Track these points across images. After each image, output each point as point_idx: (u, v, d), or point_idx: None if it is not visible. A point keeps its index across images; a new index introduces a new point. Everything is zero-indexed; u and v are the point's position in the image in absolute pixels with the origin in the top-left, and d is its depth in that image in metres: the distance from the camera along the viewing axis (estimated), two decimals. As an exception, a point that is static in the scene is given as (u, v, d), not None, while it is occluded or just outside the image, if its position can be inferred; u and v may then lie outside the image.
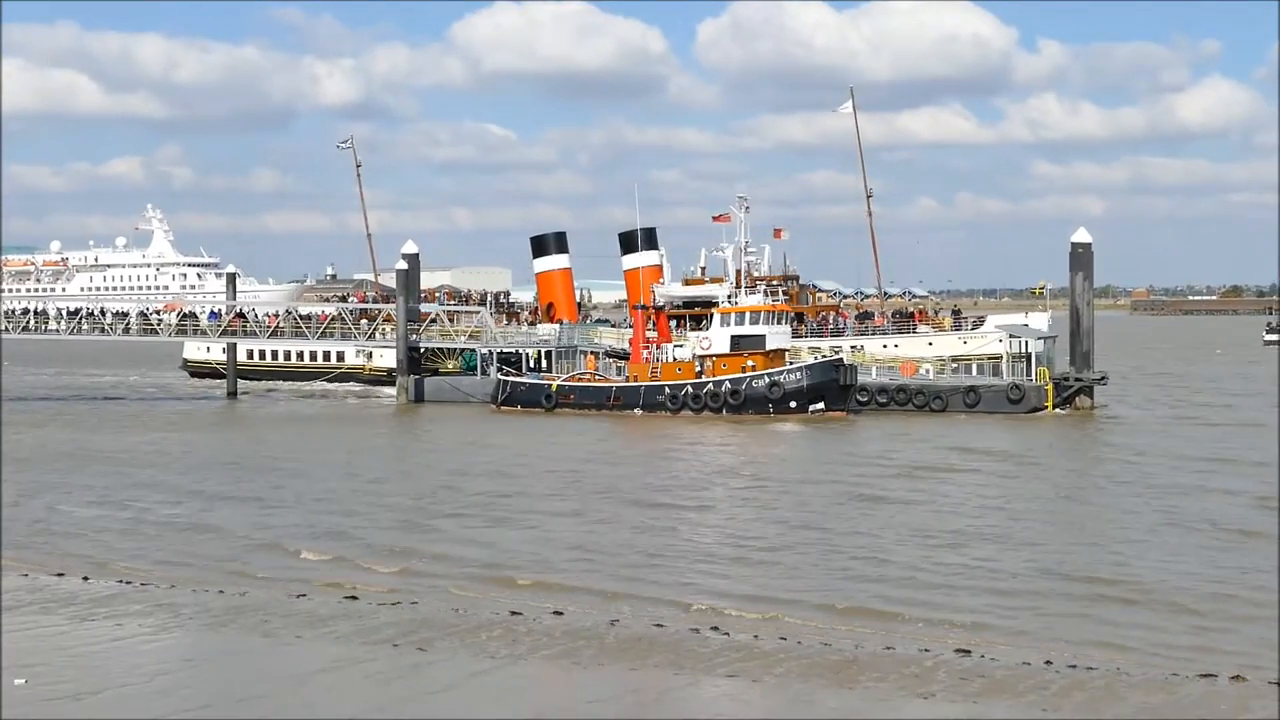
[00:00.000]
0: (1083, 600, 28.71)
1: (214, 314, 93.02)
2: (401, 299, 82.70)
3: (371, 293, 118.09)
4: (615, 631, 25.48)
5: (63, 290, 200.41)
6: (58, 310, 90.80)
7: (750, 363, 69.81)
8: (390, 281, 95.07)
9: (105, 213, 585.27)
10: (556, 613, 27.04)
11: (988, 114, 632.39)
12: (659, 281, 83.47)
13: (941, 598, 28.80)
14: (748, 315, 71.06)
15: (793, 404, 68.09)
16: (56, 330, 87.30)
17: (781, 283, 79.50)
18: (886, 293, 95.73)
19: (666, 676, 22.53)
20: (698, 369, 70.83)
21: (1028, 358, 74.74)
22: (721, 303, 72.72)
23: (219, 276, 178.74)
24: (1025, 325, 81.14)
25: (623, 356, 76.92)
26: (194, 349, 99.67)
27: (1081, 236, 72.75)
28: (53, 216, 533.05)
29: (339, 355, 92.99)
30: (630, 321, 79.99)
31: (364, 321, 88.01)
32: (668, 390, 70.32)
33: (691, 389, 69.82)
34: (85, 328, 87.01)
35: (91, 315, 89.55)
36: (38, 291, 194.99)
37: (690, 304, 78.75)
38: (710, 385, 69.55)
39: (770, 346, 70.66)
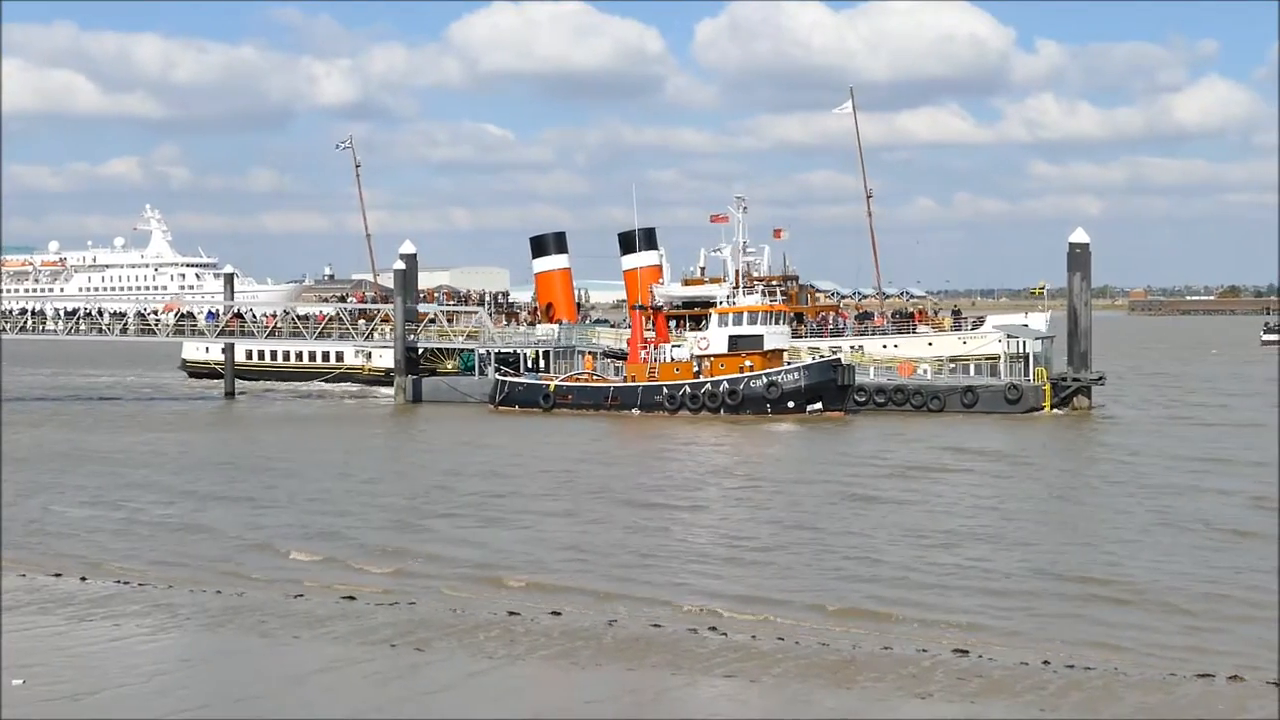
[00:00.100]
0: (1076, 600, 28.77)
1: (211, 314, 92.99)
2: (399, 299, 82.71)
3: (371, 293, 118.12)
4: (613, 632, 25.52)
5: (61, 290, 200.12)
6: (55, 310, 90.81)
7: (748, 363, 69.87)
8: (389, 282, 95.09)
9: (103, 213, 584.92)
10: (554, 613, 27.09)
11: (985, 114, 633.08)
12: (658, 282, 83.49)
13: (935, 598, 28.85)
14: (745, 315, 71.12)
15: (790, 404, 68.15)
16: (54, 331, 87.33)
17: (781, 283, 79.61)
18: (884, 293, 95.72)
19: (664, 677, 22.59)
20: (696, 369, 70.89)
21: (1026, 358, 74.84)
22: (720, 303, 72.79)
23: (217, 277, 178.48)
24: (1025, 326, 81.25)
25: (621, 357, 76.94)
26: (193, 349, 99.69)
27: (1079, 237, 72.82)
28: (51, 216, 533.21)
29: (338, 355, 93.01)
30: (629, 322, 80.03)
31: (362, 322, 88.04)
32: (665, 390, 70.37)
33: (689, 389, 69.87)
34: (83, 328, 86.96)
35: (89, 315, 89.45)
36: (36, 292, 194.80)
37: (690, 304, 78.79)
38: (708, 385, 69.60)
39: (768, 347, 70.71)
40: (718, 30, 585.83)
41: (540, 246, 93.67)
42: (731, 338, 70.66)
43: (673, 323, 77.20)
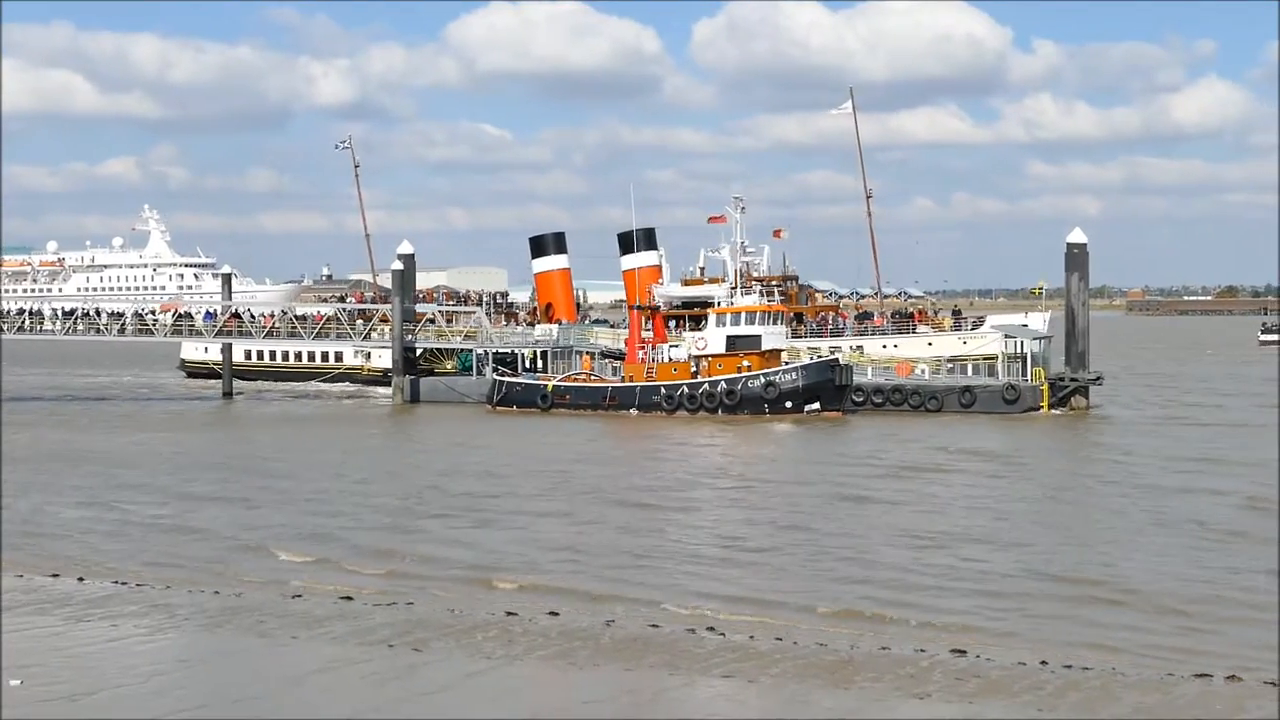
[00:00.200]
0: (1071, 601, 28.80)
1: (210, 314, 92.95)
2: (396, 299, 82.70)
3: (370, 293, 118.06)
4: (611, 632, 25.54)
5: (59, 291, 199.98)
6: (53, 310, 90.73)
7: (746, 363, 69.88)
8: (388, 282, 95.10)
9: (102, 213, 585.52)
10: (552, 613, 27.10)
11: (983, 114, 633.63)
12: (658, 282, 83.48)
13: (931, 599, 28.88)
14: (743, 315, 71.14)
15: (788, 404, 68.18)
16: (52, 331, 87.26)
17: (780, 283, 79.62)
18: (883, 293, 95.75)
19: (662, 677, 22.60)
20: (693, 369, 70.90)
21: (1024, 358, 74.88)
22: (719, 303, 72.80)
23: (216, 277, 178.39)
24: (1024, 326, 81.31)
25: (619, 357, 76.97)
26: (191, 349, 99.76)
27: (1077, 237, 72.89)
28: (49, 217, 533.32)
29: (336, 356, 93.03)
30: (628, 322, 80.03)
31: (360, 322, 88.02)
32: (663, 390, 70.38)
33: (687, 389, 69.88)
34: (81, 328, 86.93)
35: (87, 316, 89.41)
36: (34, 292, 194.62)
37: (689, 304, 78.80)
38: (706, 385, 69.62)
39: (766, 346, 70.73)
40: (715, 30, 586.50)
41: (540, 247, 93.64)
42: (729, 338, 70.68)
43: (672, 323, 77.22)
